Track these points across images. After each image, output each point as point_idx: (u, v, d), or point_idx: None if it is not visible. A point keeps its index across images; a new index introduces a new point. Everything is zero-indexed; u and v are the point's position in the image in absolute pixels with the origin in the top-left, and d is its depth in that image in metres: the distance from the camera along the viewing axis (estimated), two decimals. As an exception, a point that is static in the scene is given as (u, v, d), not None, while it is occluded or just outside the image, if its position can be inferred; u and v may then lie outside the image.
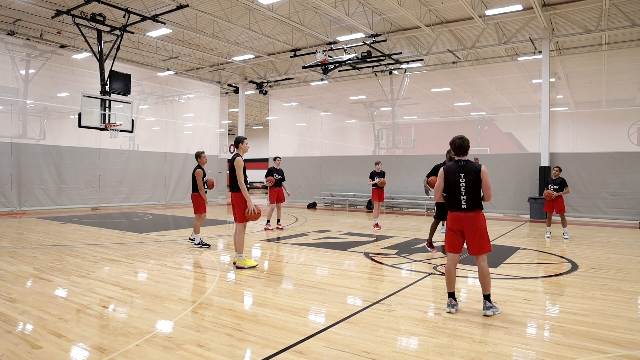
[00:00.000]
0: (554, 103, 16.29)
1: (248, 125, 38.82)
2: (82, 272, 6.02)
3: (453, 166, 4.56)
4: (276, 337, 3.70)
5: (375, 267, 6.74)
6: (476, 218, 4.41)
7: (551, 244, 9.24)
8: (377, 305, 4.65)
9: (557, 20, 14.54)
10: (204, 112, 21.77)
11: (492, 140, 18.09)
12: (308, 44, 17.56)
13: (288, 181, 20.91)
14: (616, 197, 14.07)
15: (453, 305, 4.45)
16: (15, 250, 7.71)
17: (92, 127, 13.00)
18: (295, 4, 14.13)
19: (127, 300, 4.79)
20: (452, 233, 4.52)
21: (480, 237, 4.40)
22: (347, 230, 11.07)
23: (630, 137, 14.72)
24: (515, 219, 14.63)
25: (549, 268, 6.83)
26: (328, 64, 14.59)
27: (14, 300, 4.66)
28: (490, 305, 4.39)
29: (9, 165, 14.11)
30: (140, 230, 10.75)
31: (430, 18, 14.73)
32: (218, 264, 6.72)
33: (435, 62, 18.85)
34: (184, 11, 14.06)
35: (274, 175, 11.09)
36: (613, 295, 5.16)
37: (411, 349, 3.54)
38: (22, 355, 3.29)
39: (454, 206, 4.51)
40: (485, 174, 4.45)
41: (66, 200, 15.66)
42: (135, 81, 17.36)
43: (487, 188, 4.46)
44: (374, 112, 21.59)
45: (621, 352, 3.48)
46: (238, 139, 6.52)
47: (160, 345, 3.50)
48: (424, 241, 9.26)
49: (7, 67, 14.69)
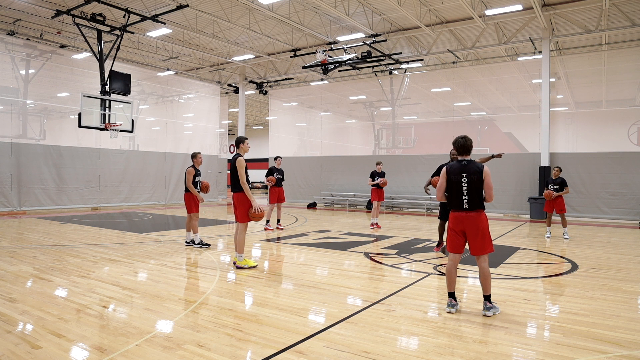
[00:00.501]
0: (554, 103, 16.29)
1: (248, 125, 38.83)
2: (82, 272, 6.02)
3: (455, 166, 4.56)
4: (276, 337, 3.70)
5: (375, 267, 6.74)
6: (478, 218, 4.41)
7: (551, 244, 9.23)
8: (377, 305, 4.65)
9: (557, 20, 14.54)
10: (204, 112, 21.78)
11: (492, 140, 18.09)
12: (308, 44, 17.56)
13: (288, 181, 21.13)
14: (616, 197, 14.06)
15: (453, 306, 4.45)
16: (15, 250, 7.71)
17: (92, 127, 13.00)
18: (295, 4, 14.13)
19: (127, 300, 4.79)
20: (453, 233, 4.51)
21: (482, 237, 4.39)
22: (347, 230, 11.07)
23: (630, 137, 14.72)
24: (515, 219, 14.63)
25: (549, 268, 6.83)
26: (328, 64, 14.58)
27: (14, 300, 4.66)
28: (491, 305, 4.39)
29: (9, 165, 14.12)
30: (140, 230, 10.75)
31: (430, 18, 14.73)
32: (218, 264, 6.72)
33: (435, 62, 18.85)
34: (184, 11, 14.07)
35: (274, 174, 11.09)
36: (613, 295, 5.16)
37: (411, 349, 3.54)
38: (22, 355, 3.29)
39: (455, 206, 4.51)
40: (488, 174, 4.45)
41: (66, 200, 15.66)
42: (135, 81, 17.37)
43: (488, 188, 4.44)
44: (374, 112, 21.59)
45: (621, 352, 3.48)
46: (239, 139, 6.55)
47: (160, 345, 3.50)
48: (424, 241, 9.26)
49: (7, 67, 14.69)
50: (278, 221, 11.28)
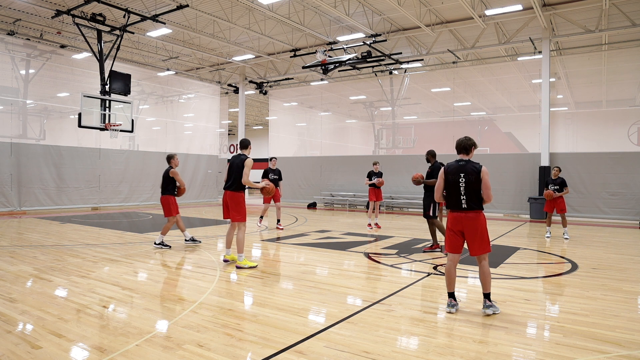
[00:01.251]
0: (554, 103, 16.29)
1: (248, 125, 38.82)
2: (82, 272, 6.02)
3: (453, 165, 4.56)
4: (276, 337, 3.70)
5: (375, 267, 6.74)
6: (476, 219, 4.40)
7: (551, 244, 9.23)
8: (377, 305, 4.65)
9: (557, 20, 14.54)
10: (204, 112, 21.79)
11: (492, 140, 18.10)
12: (308, 44, 17.56)
13: (288, 181, 21.09)
14: (616, 197, 14.07)
15: (453, 305, 4.45)
16: (15, 250, 7.71)
17: (92, 127, 13.00)
18: (295, 4, 14.13)
19: (127, 300, 4.79)
20: (452, 233, 4.51)
21: (481, 238, 4.39)
22: (347, 230, 11.07)
23: (630, 137, 14.72)
24: (515, 219, 14.63)
25: (549, 268, 6.83)
26: (328, 64, 14.58)
27: (14, 300, 4.66)
28: (490, 304, 4.38)
29: (9, 165, 14.12)
30: (140, 230, 10.75)
31: (430, 18, 14.73)
32: (218, 264, 6.71)
33: (435, 62, 18.85)
34: (184, 11, 14.07)
35: (269, 175, 11.29)
36: (613, 295, 5.16)
37: (411, 349, 3.54)
38: (22, 355, 3.29)
39: (454, 206, 4.51)
40: (486, 173, 4.43)
41: (66, 200, 15.66)
42: (135, 81, 17.37)
43: (486, 188, 4.41)
44: (374, 112, 21.59)
45: (621, 352, 3.48)
46: (247, 141, 6.78)
47: (160, 345, 3.50)
48: (424, 241, 9.26)
49: (7, 67, 14.69)
50: (278, 221, 11.30)
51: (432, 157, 8.14)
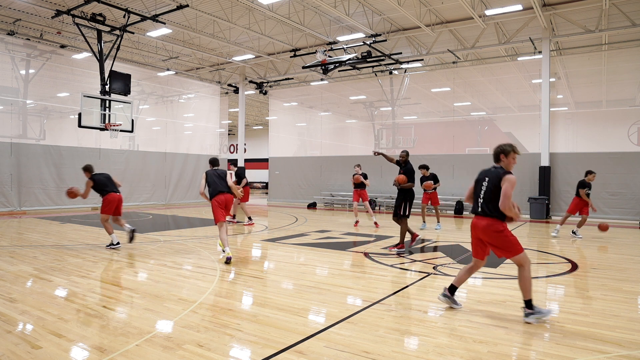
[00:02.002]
0: (554, 103, 16.28)
1: (248, 125, 38.80)
2: (82, 272, 6.02)
3: (484, 170, 4.51)
4: (276, 337, 3.70)
5: (375, 267, 6.74)
6: (488, 226, 4.26)
7: (551, 243, 9.23)
8: (377, 305, 4.65)
9: (557, 20, 14.54)
10: (204, 112, 21.78)
11: (492, 140, 18.08)
12: (308, 44, 17.56)
13: (288, 181, 21.23)
14: (616, 197, 14.06)
15: (453, 302, 4.45)
16: (15, 250, 7.71)
17: (92, 127, 13.00)
18: (295, 4, 14.13)
19: (127, 300, 4.79)
20: (472, 238, 4.52)
21: (499, 245, 4.24)
22: (347, 230, 11.07)
23: (630, 137, 14.72)
24: (515, 219, 14.60)
25: (549, 268, 6.83)
26: (328, 64, 14.58)
27: (14, 300, 4.66)
28: (531, 311, 4.14)
29: (9, 165, 14.11)
30: (140, 230, 10.74)
31: (430, 18, 14.73)
32: (218, 264, 6.71)
33: (435, 62, 18.85)
34: (184, 11, 14.06)
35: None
36: (613, 295, 5.16)
37: (411, 349, 3.54)
38: (22, 355, 3.29)
39: (473, 209, 4.49)
40: (507, 181, 4.17)
41: (66, 200, 15.62)
42: (135, 81, 17.36)
43: (503, 196, 4.16)
44: (374, 112, 21.58)
45: (621, 352, 3.48)
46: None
47: (160, 345, 3.50)
48: (424, 241, 9.26)
49: (7, 67, 14.69)
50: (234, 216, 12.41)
51: (407, 156, 8.49)
